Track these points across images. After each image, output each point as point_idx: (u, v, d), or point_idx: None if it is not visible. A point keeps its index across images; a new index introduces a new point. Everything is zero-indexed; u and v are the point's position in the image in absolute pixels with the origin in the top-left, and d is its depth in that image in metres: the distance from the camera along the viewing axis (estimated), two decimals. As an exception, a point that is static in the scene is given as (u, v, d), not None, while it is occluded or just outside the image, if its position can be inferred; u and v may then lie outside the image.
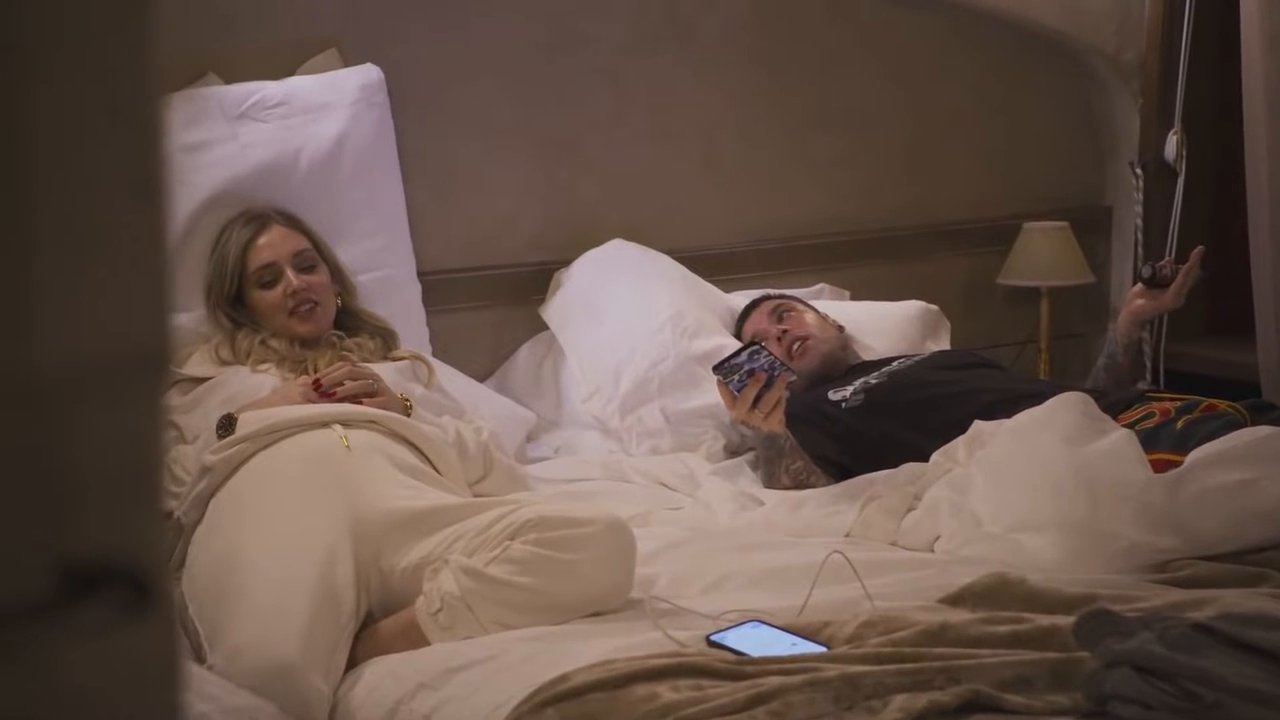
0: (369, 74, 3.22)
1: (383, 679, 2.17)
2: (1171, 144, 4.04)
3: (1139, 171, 4.10)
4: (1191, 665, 1.62)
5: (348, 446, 2.45)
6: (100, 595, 0.48)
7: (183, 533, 2.44)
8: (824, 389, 3.14)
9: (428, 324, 3.29)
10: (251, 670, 2.13)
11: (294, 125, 3.09)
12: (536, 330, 3.48)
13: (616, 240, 3.52)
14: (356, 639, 2.28)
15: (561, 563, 2.21)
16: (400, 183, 3.26)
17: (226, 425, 2.51)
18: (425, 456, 2.59)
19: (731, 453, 3.20)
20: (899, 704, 1.77)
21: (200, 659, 2.21)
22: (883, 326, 3.50)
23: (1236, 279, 3.76)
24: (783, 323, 3.30)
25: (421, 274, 3.30)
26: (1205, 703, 1.60)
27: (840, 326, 3.36)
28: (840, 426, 3.02)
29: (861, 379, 3.12)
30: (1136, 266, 4.09)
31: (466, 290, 3.45)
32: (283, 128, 3.08)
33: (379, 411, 2.58)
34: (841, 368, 3.25)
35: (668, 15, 3.66)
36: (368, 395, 2.62)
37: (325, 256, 2.90)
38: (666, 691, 1.85)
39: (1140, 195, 4.11)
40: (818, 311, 3.38)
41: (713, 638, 2.05)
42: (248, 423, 2.50)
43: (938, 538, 2.56)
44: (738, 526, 2.74)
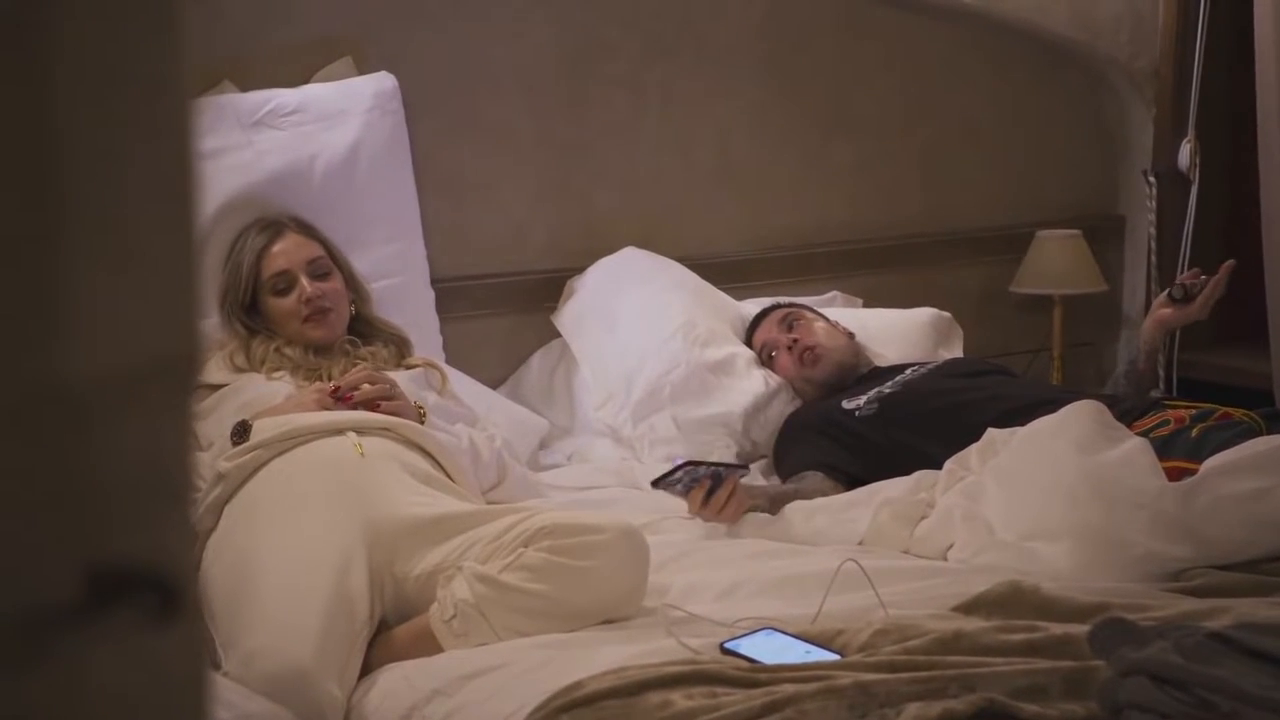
0: (383, 81, 3.22)
1: (397, 685, 2.17)
2: (1185, 152, 4.04)
3: (1152, 180, 4.10)
4: (1207, 674, 1.62)
5: (362, 453, 2.46)
6: (128, 601, 0.48)
7: (197, 539, 2.45)
8: (837, 398, 3.14)
9: (441, 331, 3.29)
10: (266, 676, 2.13)
11: (309, 133, 3.10)
12: (549, 338, 3.49)
13: (629, 248, 3.52)
14: (371, 645, 2.28)
15: (575, 570, 2.21)
16: (414, 190, 3.26)
17: (241, 432, 2.52)
18: (439, 464, 2.59)
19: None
20: (913, 712, 1.77)
21: (215, 665, 2.21)
22: (895, 334, 3.50)
23: (1250, 287, 3.75)
24: (792, 331, 3.30)
25: (435, 281, 3.31)
26: (1221, 711, 1.60)
27: (850, 334, 3.36)
28: (853, 435, 3.02)
29: (875, 388, 3.12)
30: (1150, 274, 4.09)
31: (480, 297, 3.45)
32: (298, 135, 3.09)
33: (393, 419, 2.59)
34: (854, 376, 3.25)
35: (683, 24, 3.67)
36: (385, 400, 2.62)
37: (339, 264, 2.91)
38: (680, 699, 1.84)
39: (1153, 204, 4.10)
40: (827, 320, 3.38)
41: (726, 645, 2.05)
42: (262, 429, 2.50)
43: (951, 546, 2.56)
44: (750, 534, 2.73)
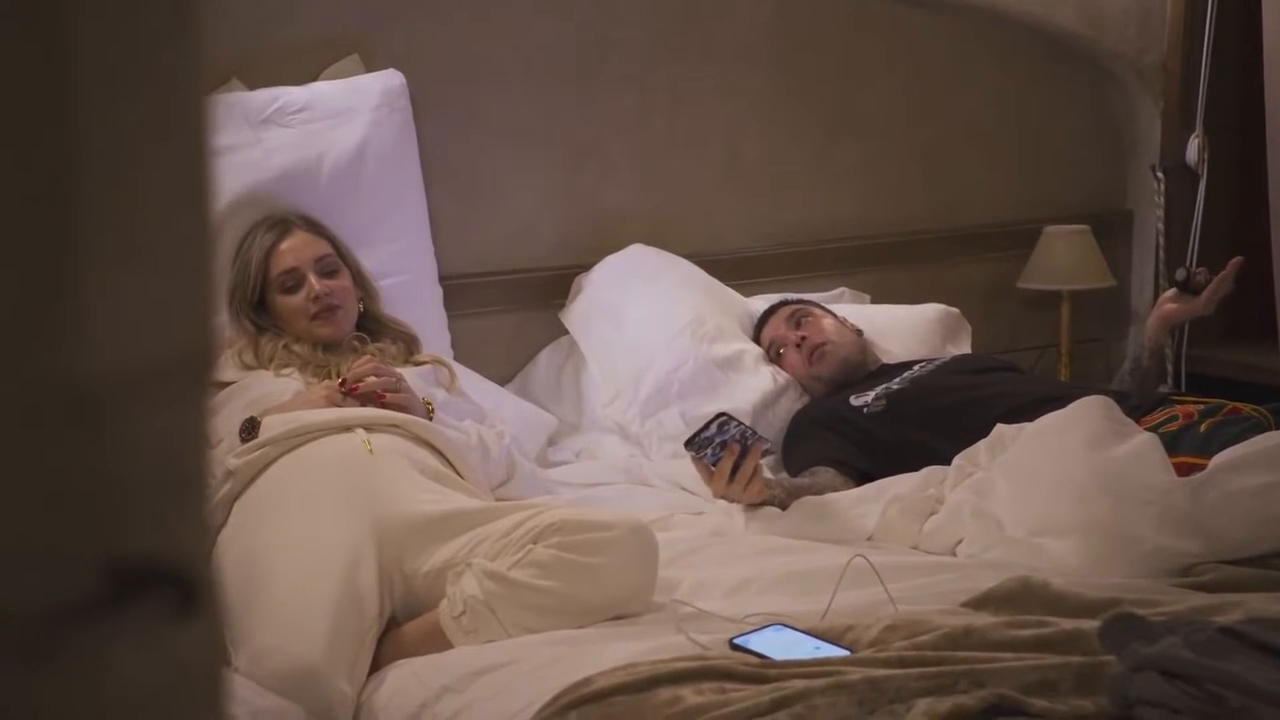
0: (391, 79, 3.23)
1: (406, 682, 2.17)
2: (1193, 147, 4.03)
3: (1160, 175, 4.10)
4: (1218, 670, 1.62)
5: (370, 450, 2.46)
6: (147, 596, 0.48)
7: (213, 534, 2.45)
8: (845, 394, 3.14)
9: (449, 328, 3.30)
10: (276, 673, 2.13)
11: (317, 130, 3.11)
12: (557, 334, 3.49)
13: (636, 245, 3.52)
14: (380, 642, 2.28)
15: (584, 566, 2.21)
16: (422, 187, 3.27)
17: (250, 429, 2.52)
18: (448, 460, 2.59)
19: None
20: (923, 708, 1.77)
21: (225, 661, 2.22)
22: (903, 330, 3.50)
23: (1258, 282, 3.75)
24: (800, 328, 3.30)
25: (443, 278, 3.31)
26: (1232, 707, 1.60)
27: (859, 330, 3.36)
28: (862, 432, 3.02)
29: (883, 384, 3.12)
30: (1158, 270, 4.09)
31: (488, 295, 3.46)
32: (305, 133, 3.09)
33: (402, 415, 2.59)
34: (862, 372, 3.25)
35: (691, 21, 3.67)
36: (392, 392, 2.62)
37: (347, 261, 2.91)
38: (690, 695, 1.84)
39: (1161, 199, 4.10)
40: (835, 316, 3.38)
41: (736, 641, 2.05)
42: (271, 426, 2.50)
43: (960, 541, 2.56)
44: (759, 530, 2.73)
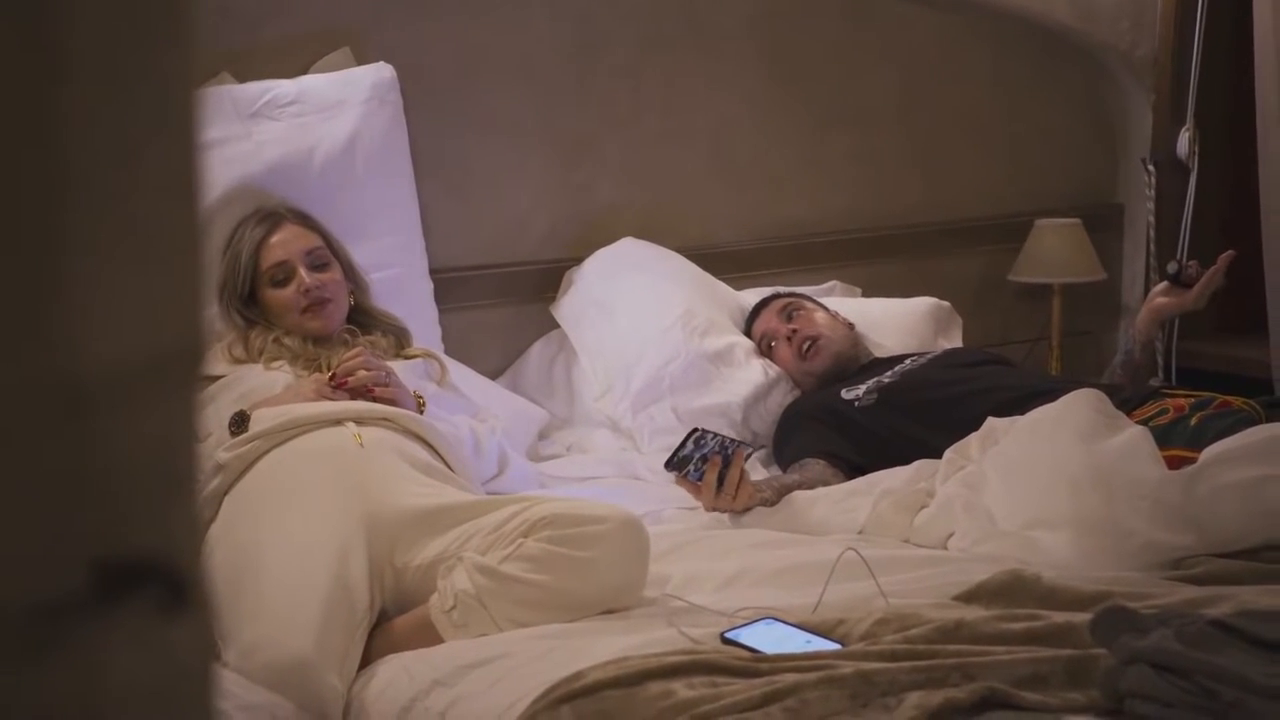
0: (381, 72, 3.22)
1: (397, 676, 2.17)
2: (1184, 141, 4.04)
3: (1151, 168, 4.10)
4: (1210, 662, 1.62)
5: (361, 444, 2.46)
6: (138, 593, 0.48)
7: (204, 529, 2.45)
8: (836, 388, 3.14)
9: (440, 322, 3.29)
10: (266, 667, 2.13)
11: (307, 124, 3.10)
12: (548, 328, 3.48)
13: (627, 239, 3.52)
14: (370, 636, 2.28)
15: (576, 560, 2.21)
16: (413, 181, 3.26)
17: (239, 422, 2.51)
18: (438, 454, 2.59)
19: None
20: (914, 701, 1.77)
21: (215, 656, 2.21)
22: (894, 323, 3.50)
23: (1249, 276, 3.75)
24: (792, 322, 3.30)
25: (434, 272, 3.30)
26: (1224, 700, 1.60)
27: (850, 324, 3.36)
28: (853, 425, 3.03)
29: (874, 378, 3.12)
30: (1149, 263, 4.09)
31: (479, 288, 3.45)
32: (296, 126, 3.08)
33: (393, 409, 2.58)
34: (853, 366, 3.25)
35: (683, 14, 3.66)
36: (380, 385, 2.62)
37: (338, 254, 2.90)
38: (681, 689, 1.84)
39: (1152, 192, 4.10)
40: (827, 309, 3.38)
41: (727, 635, 2.05)
42: (261, 420, 2.50)
43: (951, 535, 2.56)
44: (751, 523, 2.73)
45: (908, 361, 3.19)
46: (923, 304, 3.60)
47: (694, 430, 2.67)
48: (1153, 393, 2.99)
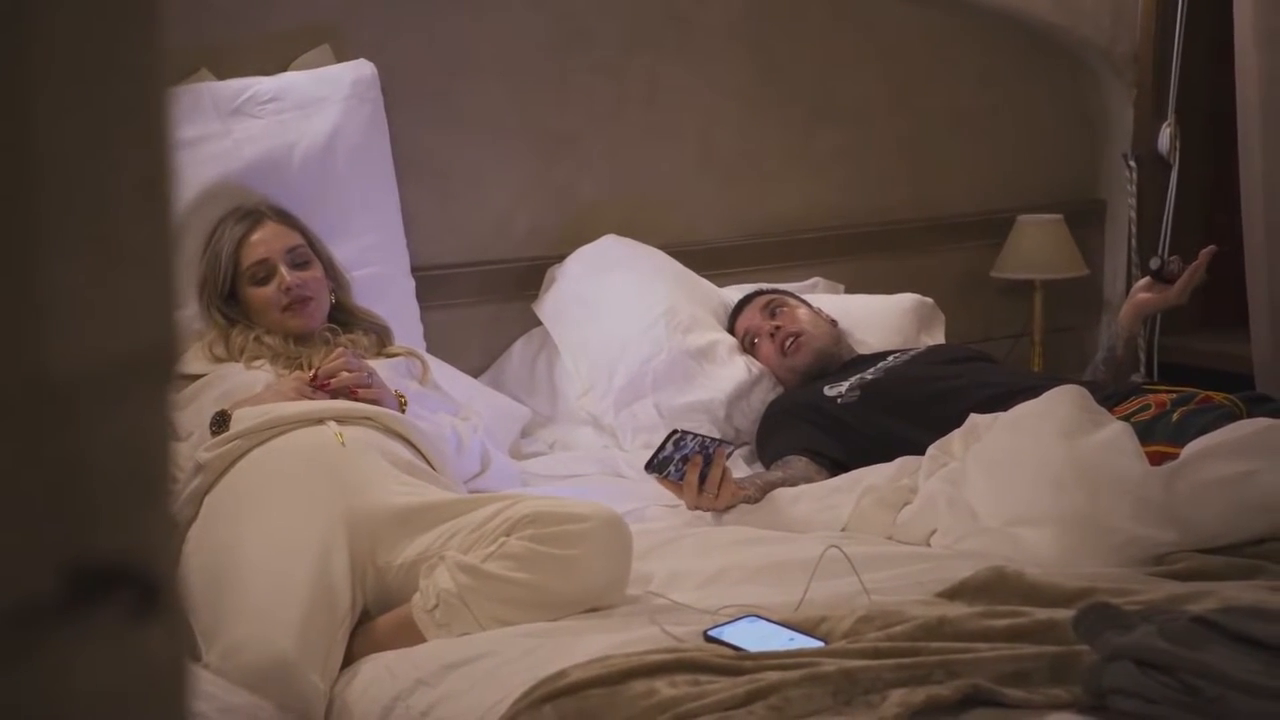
0: (362, 69, 3.21)
1: (379, 675, 2.16)
2: (1165, 136, 4.04)
3: (1132, 164, 4.11)
4: (1192, 659, 1.62)
5: (342, 443, 2.45)
6: (110, 597, 0.47)
7: (178, 531, 2.43)
8: (819, 384, 3.14)
9: (422, 320, 3.28)
10: (248, 668, 2.12)
11: (287, 121, 3.09)
12: (530, 326, 3.48)
13: (609, 236, 3.51)
14: (352, 636, 2.27)
15: (558, 558, 2.20)
16: (394, 178, 3.25)
17: (220, 422, 2.50)
18: (420, 453, 2.58)
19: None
20: (897, 698, 1.77)
21: (195, 657, 2.20)
22: (877, 320, 3.51)
23: (1230, 271, 3.76)
24: (775, 318, 3.30)
25: (415, 270, 3.29)
26: (1206, 696, 1.60)
27: (833, 320, 3.36)
28: (836, 422, 3.02)
29: (857, 375, 3.12)
30: (1130, 259, 4.10)
31: (461, 286, 3.44)
32: (276, 123, 3.07)
33: (374, 408, 2.57)
34: (836, 363, 3.25)
35: (666, 9, 3.66)
36: (363, 387, 2.61)
37: (319, 252, 2.89)
38: (664, 687, 1.84)
39: (1134, 188, 4.11)
40: (810, 306, 3.38)
41: (710, 633, 2.05)
42: (242, 419, 2.49)
43: (934, 531, 2.56)
44: (733, 521, 2.73)
45: (890, 358, 3.19)
46: (905, 300, 3.60)
47: (673, 432, 2.66)
48: (1135, 388, 3.00)
